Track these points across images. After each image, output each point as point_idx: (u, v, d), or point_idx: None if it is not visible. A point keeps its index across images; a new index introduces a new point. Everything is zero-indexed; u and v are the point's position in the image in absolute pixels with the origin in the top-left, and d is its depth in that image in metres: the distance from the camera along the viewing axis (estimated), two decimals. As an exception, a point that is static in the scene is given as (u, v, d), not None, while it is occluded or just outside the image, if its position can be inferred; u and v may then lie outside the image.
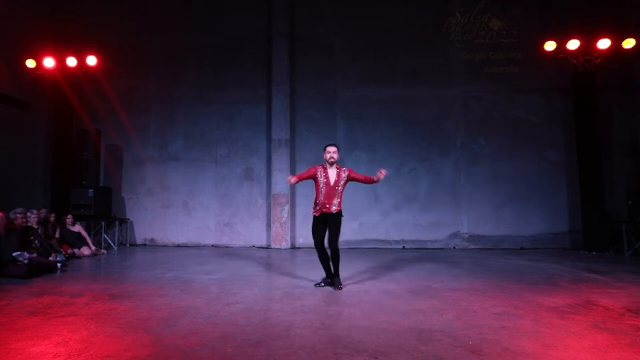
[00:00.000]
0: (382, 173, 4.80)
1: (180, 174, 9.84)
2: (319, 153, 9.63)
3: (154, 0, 10.08)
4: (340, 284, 4.89)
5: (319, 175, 4.87)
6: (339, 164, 4.98)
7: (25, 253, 5.77)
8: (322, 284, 4.98)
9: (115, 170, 9.89)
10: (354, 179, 4.98)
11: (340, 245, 4.77)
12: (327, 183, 4.83)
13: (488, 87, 9.47)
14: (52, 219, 7.57)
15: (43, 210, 7.37)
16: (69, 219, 7.92)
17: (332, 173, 4.89)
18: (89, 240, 7.96)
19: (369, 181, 4.99)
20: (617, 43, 8.34)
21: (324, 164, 4.95)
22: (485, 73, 9.51)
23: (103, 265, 6.92)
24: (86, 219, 8.65)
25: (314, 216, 4.92)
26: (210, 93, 9.88)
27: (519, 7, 9.49)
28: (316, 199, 4.93)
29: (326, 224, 4.87)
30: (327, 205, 4.81)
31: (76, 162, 9.17)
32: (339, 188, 4.87)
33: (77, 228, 7.96)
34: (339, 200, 4.87)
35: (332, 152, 4.88)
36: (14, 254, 5.64)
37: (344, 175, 4.90)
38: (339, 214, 4.87)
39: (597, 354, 2.78)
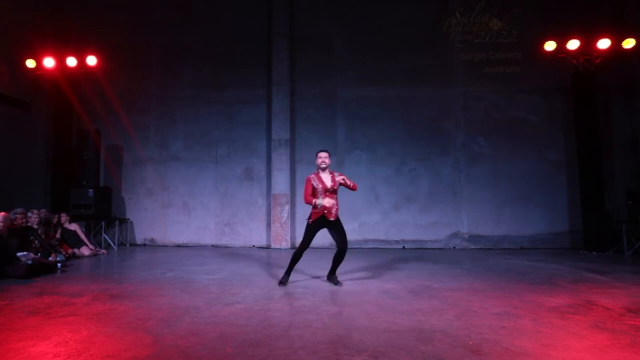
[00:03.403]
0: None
1: (180, 174, 9.84)
2: (319, 153, 9.68)
3: (154, 0, 10.09)
4: (337, 280, 5.18)
5: (315, 184, 4.98)
6: (331, 169, 5.13)
7: (31, 254, 5.77)
8: (284, 283, 5.09)
9: (115, 170, 9.89)
10: (344, 184, 5.04)
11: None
12: (325, 188, 4.94)
13: (488, 87, 9.46)
14: (55, 220, 7.55)
15: (43, 210, 7.36)
16: (63, 217, 7.87)
17: (327, 177, 5.02)
18: (85, 239, 7.90)
19: (353, 188, 5.13)
20: (617, 43, 8.33)
21: (316, 171, 5.07)
22: (485, 73, 9.50)
23: (103, 265, 6.92)
24: (86, 219, 8.65)
25: (312, 221, 4.97)
26: (210, 93, 9.88)
27: (519, 7, 9.48)
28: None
29: (326, 229, 5.02)
30: (331, 211, 4.91)
31: (76, 162, 9.17)
32: (335, 191, 5.01)
33: (73, 227, 7.92)
34: (337, 203, 5.01)
35: (323, 157, 5.04)
36: (19, 254, 5.65)
37: (338, 178, 5.02)
38: (339, 219, 5.04)
39: (597, 354, 2.78)
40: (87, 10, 9.97)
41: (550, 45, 8.60)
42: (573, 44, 8.45)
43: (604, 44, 8.33)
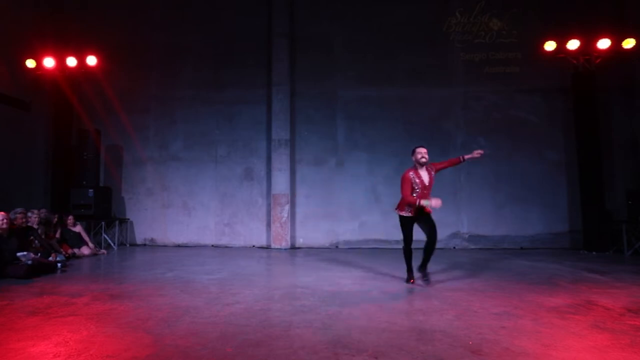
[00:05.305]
0: (478, 152, 5.04)
1: (180, 174, 9.84)
2: (319, 153, 9.74)
3: (154, 0, 10.08)
4: (428, 277, 5.03)
5: (413, 180, 4.98)
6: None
7: (31, 254, 5.77)
8: (412, 281, 5.09)
9: (115, 170, 9.89)
10: (440, 170, 5.10)
11: (341, 245, 4.84)
12: (423, 185, 4.94)
13: (488, 87, 9.46)
14: (55, 220, 7.56)
15: (43, 210, 7.36)
16: (70, 219, 7.93)
17: (424, 174, 5.00)
18: (89, 241, 7.95)
19: (454, 163, 5.11)
20: (617, 43, 8.33)
21: (413, 167, 5.05)
22: (485, 73, 9.50)
23: (103, 265, 6.92)
24: (86, 219, 8.65)
25: (407, 217, 5.06)
26: (210, 93, 9.88)
27: (519, 7, 9.47)
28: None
29: (415, 223, 5.06)
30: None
31: (76, 162, 9.17)
32: (432, 186, 5.01)
33: (78, 228, 7.96)
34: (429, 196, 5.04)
35: (423, 152, 4.98)
36: (19, 254, 5.65)
37: (433, 171, 5.04)
38: (429, 214, 5.06)
39: (597, 354, 2.78)
40: (87, 10, 9.96)
41: (550, 45, 8.60)
42: (573, 44, 8.45)
43: (604, 44, 8.33)
